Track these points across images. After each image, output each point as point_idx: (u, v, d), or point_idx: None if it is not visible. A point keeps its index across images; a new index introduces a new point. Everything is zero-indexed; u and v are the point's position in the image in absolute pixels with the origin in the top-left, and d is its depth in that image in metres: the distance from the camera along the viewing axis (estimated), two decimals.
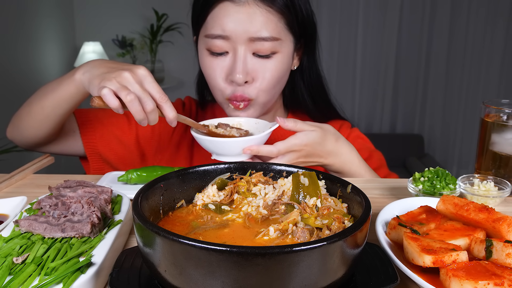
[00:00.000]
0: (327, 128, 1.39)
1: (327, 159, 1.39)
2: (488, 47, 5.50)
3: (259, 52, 1.43)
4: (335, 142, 1.39)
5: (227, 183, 0.97)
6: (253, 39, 1.41)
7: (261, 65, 1.45)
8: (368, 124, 5.86)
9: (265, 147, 1.27)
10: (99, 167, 1.62)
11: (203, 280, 0.65)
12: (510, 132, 1.28)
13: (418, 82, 5.73)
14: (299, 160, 1.33)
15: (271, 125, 1.35)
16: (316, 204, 0.86)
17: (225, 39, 1.42)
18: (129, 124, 1.63)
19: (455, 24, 5.48)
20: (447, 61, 5.60)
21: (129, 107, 1.14)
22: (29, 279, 0.74)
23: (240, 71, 1.42)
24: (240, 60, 1.43)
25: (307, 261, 0.64)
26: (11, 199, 1.10)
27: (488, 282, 0.74)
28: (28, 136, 1.49)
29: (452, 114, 5.78)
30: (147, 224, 0.69)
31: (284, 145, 1.29)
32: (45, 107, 1.41)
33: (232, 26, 1.40)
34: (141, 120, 1.17)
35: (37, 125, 1.45)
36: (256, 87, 1.47)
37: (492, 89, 5.61)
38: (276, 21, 1.43)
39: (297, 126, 1.33)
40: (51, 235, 0.87)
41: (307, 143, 1.32)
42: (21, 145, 1.57)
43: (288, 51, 1.50)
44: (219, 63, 1.46)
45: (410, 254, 0.84)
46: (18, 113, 1.50)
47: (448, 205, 0.98)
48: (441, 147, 5.94)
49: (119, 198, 1.08)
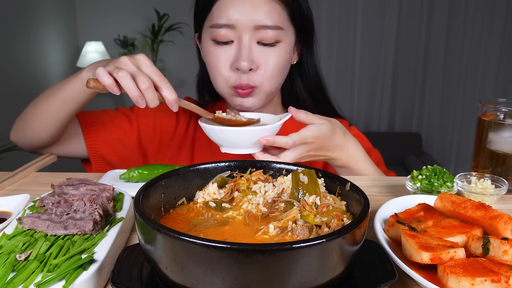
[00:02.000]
0: (335, 121, 1.39)
1: (334, 153, 1.38)
2: (485, 47, 5.52)
3: (263, 40, 1.46)
4: (343, 136, 1.39)
5: (227, 181, 0.97)
6: (258, 27, 1.44)
7: (265, 53, 1.48)
8: (367, 122, 5.87)
9: (281, 138, 1.25)
10: (101, 169, 1.62)
11: (204, 277, 0.65)
12: (507, 131, 1.28)
13: (416, 81, 5.74)
14: (310, 153, 1.33)
15: (281, 116, 1.33)
16: (315, 202, 0.86)
17: (231, 28, 1.45)
18: (130, 125, 1.64)
19: (452, 24, 5.49)
20: (445, 60, 5.62)
21: (122, 84, 1.14)
22: (32, 276, 0.74)
23: (245, 58, 1.45)
24: (245, 47, 1.45)
25: (306, 258, 0.64)
26: (14, 196, 1.11)
27: (485, 279, 0.75)
28: (32, 138, 1.50)
29: (450, 113, 5.80)
30: (148, 222, 0.69)
31: (299, 137, 1.28)
32: (51, 107, 1.41)
33: (237, 15, 1.43)
34: (137, 98, 1.16)
35: (42, 126, 1.45)
36: (260, 74, 1.49)
37: (489, 88, 5.63)
38: (280, 10, 1.47)
39: (308, 118, 1.32)
40: (53, 232, 0.87)
41: (318, 136, 1.31)
42: (24, 148, 1.57)
43: (290, 42, 1.53)
44: (224, 51, 1.49)
45: (408, 251, 0.84)
46: (23, 115, 1.51)
47: (446, 203, 0.99)
48: (439, 145, 5.96)
49: (121, 196, 1.08)
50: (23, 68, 4.45)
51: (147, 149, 1.67)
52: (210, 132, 1.25)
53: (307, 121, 1.32)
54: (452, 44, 5.55)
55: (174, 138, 1.70)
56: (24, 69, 4.45)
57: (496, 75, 5.59)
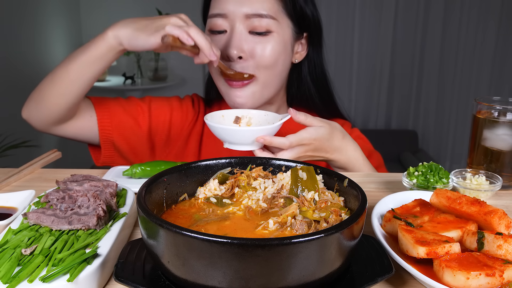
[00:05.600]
0: (335, 125, 1.41)
1: (332, 155, 1.41)
2: (479, 46, 5.53)
3: (255, 29, 1.48)
4: (341, 139, 1.41)
5: (228, 177, 0.98)
6: (249, 15, 1.46)
7: (257, 42, 1.49)
8: (364, 120, 5.88)
9: (278, 138, 1.27)
10: (109, 155, 1.61)
11: (205, 271, 0.66)
12: (501, 128, 1.29)
13: (412, 80, 5.75)
14: (307, 154, 1.35)
15: (281, 116, 1.34)
16: (314, 198, 0.87)
17: (224, 17, 1.48)
18: (143, 115, 1.63)
19: (448, 24, 5.50)
20: (440, 59, 5.63)
21: (195, 38, 1.31)
22: (37, 270, 0.75)
23: (234, 46, 1.47)
24: (236, 35, 1.47)
25: (305, 253, 0.65)
26: (20, 192, 1.11)
27: (480, 273, 0.76)
28: (46, 111, 1.46)
29: (445, 110, 5.81)
30: (151, 217, 0.70)
31: (296, 138, 1.30)
32: (71, 71, 1.40)
33: (230, 5, 1.46)
34: (210, 51, 1.33)
35: (60, 92, 1.42)
36: (254, 62, 1.49)
37: (484, 87, 5.64)
38: (272, 2, 1.49)
39: (307, 120, 1.34)
40: (58, 227, 0.88)
41: (316, 138, 1.33)
42: (36, 125, 1.52)
43: (285, 34, 1.54)
44: (217, 40, 1.51)
45: (405, 245, 0.85)
46: (38, 87, 1.47)
47: (441, 199, 1.00)
48: (435, 142, 5.97)
49: (124, 192, 1.09)
50: (28, 65, 4.44)
51: (155, 140, 1.67)
52: (213, 129, 1.29)
53: (306, 123, 1.34)
54: (447, 44, 5.57)
55: (182, 132, 1.70)
56: (29, 66, 4.44)
57: (490, 73, 5.60)
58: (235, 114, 1.40)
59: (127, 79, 5.37)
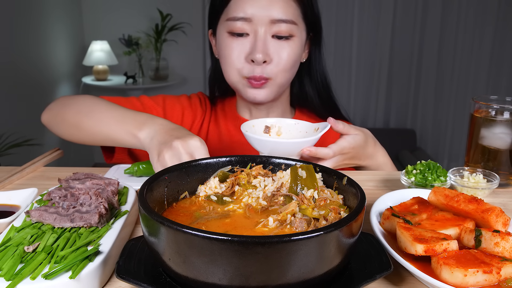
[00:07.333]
0: (367, 132, 1.43)
1: (364, 162, 1.43)
2: (477, 46, 5.55)
3: (278, 33, 1.49)
4: (373, 146, 1.44)
5: (228, 176, 0.98)
6: (273, 21, 1.48)
7: (279, 46, 1.51)
8: (363, 119, 5.90)
9: (322, 149, 1.27)
10: (122, 157, 1.59)
11: (206, 268, 0.66)
12: (498, 127, 1.30)
13: (410, 79, 5.77)
14: (344, 162, 1.36)
15: (319, 126, 1.33)
16: (313, 196, 0.87)
17: (247, 21, 1.49)
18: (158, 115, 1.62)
19: (446, 24, 5.51)
20: (438, 59, 5.64)
21: None
22: (40, 267, 0.76)
23: (260, 51, 1.48)
24: (260, 40, 1.49)
25: (304, 250, 0.65)
26: (23, 190, 1.12)
27: (477, 270, 0.76)
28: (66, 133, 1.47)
29: (443, 109, 5.83)
30: (152, 215, 0.70)
31: (337, 148, 1.31)
32: (95, 131, 1.37)
33: (254, 10, 1.47)
34: None
35: (75, 135, 1.43)
36: (274, 67, 1.51)
37: (481, 86, 5.66)
38: (294, 7, 1.51)
39: (345, 128, 1.35)
40: (60, 225, 0.88)
41: (354, 146, 1.35)
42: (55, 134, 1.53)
43: (302, 38, 1.57)
44: (239, 43, 1.52)
45: (403, 243, 0.86)
46: (63, 111, 1.46)
47: (439, 197, 1.01)
48: (433, 141, 5.99)
49: (126, 190, 1.09)
50: (32, 66, 4.46)
51: None
52: (252, 141, 1.25)
53: (343, 132, 1.35)
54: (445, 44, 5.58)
55: (191, 130, 1.71)
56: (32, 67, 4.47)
57: (488, 73, 5.62)
58: (264, 123, 1.38)
59: (128, 78, 5.39)
